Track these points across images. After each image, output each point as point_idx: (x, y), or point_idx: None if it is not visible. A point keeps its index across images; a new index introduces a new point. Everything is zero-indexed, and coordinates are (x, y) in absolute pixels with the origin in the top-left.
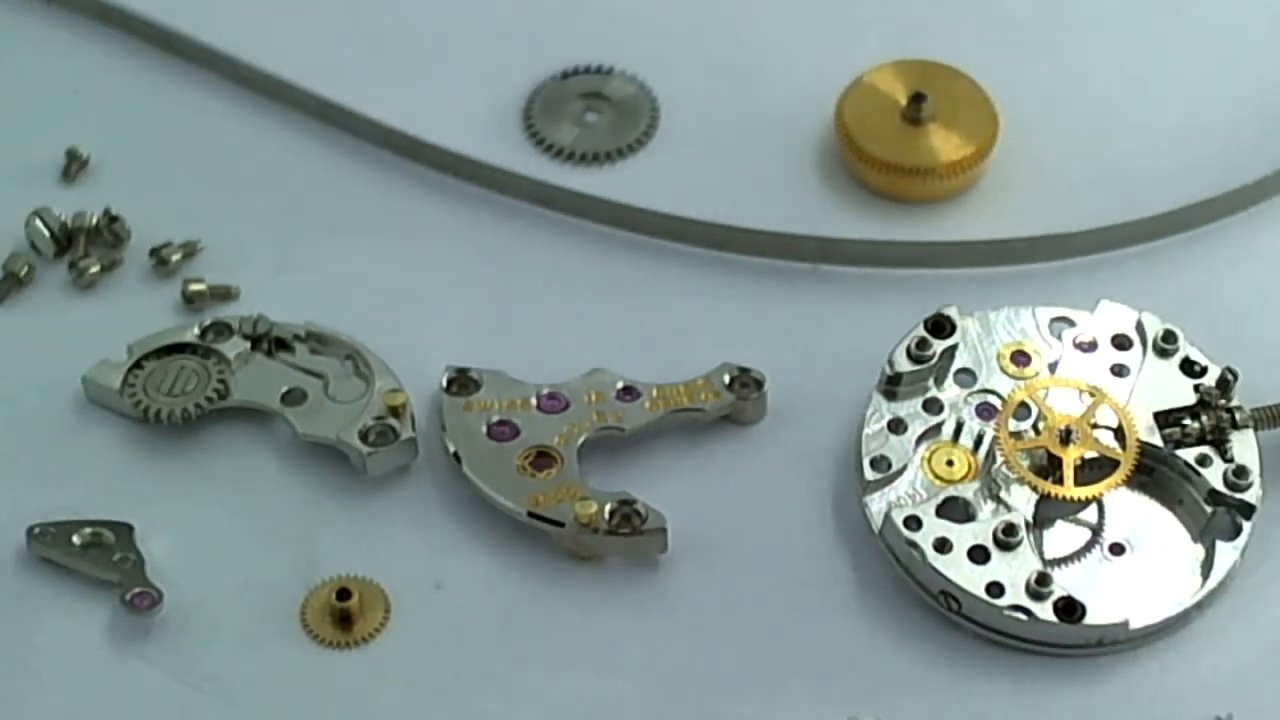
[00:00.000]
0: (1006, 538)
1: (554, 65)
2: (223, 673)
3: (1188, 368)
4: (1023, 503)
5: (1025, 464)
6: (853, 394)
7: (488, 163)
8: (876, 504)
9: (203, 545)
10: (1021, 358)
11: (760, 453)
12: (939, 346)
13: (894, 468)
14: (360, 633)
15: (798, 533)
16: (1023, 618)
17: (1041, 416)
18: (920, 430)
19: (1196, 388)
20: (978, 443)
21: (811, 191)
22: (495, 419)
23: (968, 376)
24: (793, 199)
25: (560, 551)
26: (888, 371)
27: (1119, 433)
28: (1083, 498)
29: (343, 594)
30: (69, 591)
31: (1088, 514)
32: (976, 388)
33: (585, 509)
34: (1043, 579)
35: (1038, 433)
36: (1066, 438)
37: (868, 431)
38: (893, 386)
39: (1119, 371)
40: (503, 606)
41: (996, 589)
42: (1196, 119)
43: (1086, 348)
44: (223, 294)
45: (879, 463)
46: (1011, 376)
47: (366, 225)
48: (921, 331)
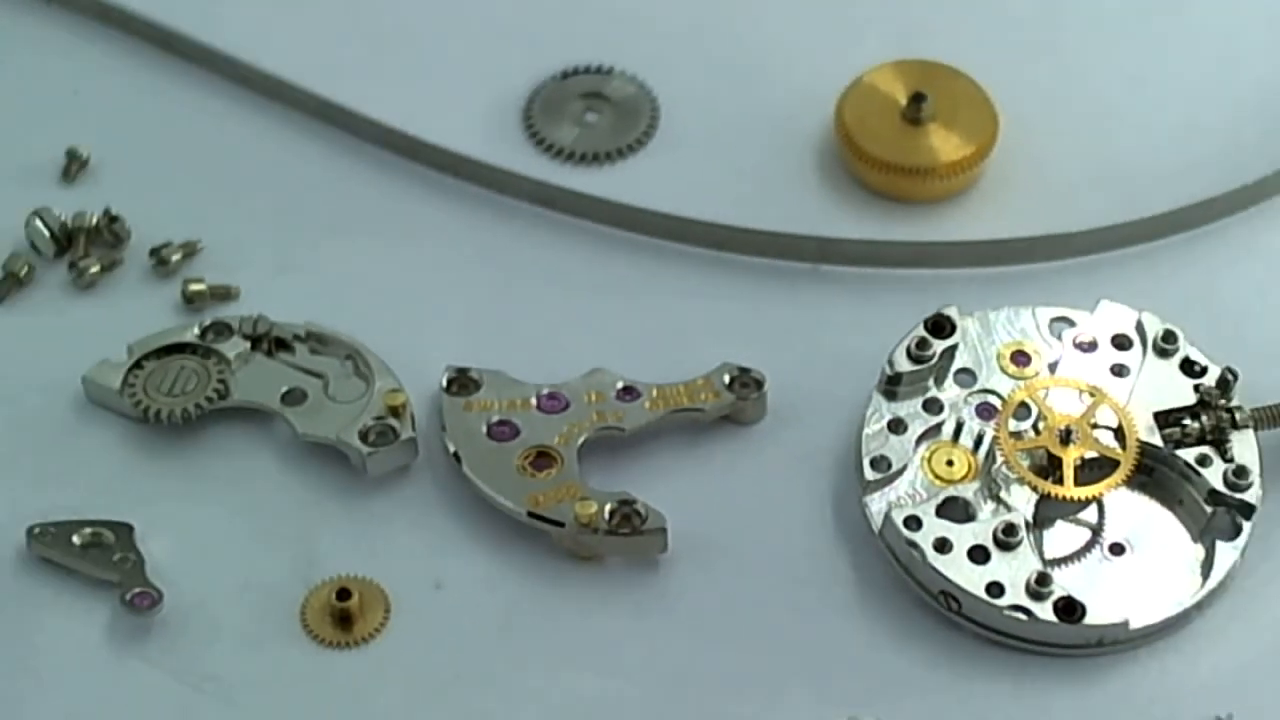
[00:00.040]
0: (1006, 538)
1: (554, 65)
2: (223, 673)
3: (1188, 368)
4: (1023, 503)
5: (1025, 464)
6: (853, 394)
7: (488, 163)
8: (876, 504)
9: (203, 545)
10: (1021, 358)
11: (760, 453)
12: (939, 346)
13: (894, 468)
14: (360, 633)
15: (798, 533)
16: (1023, 618)
17: (1041, 416)
18: (920, 430)
19: (1196, 388)
20: (978, 443)
21: (811, 191)
22: (495, 419)
23: (968, 376)
24: (793, 199)
25: (560, 551)
26: (888, 371)
27: (1119, 433)
28: (1083, 498)
29: (343, 594)
30: (69, 591)
31: (1088, 514)
32: (976, 388)
33: (585, 509)
34: (1043, 579)
35: (1038, 433)
36: (1066, 438)
37: (868, 431)
38: (893, 386)
39: (1119, 371)
40: (503, 606)
41: (996, 589)
42: (1196, 119)
43: (1086, 348)
44: (223, 294)
45: (879, 463)
46: (1011, 376)
47: (366, 225)
48: (921, 331)
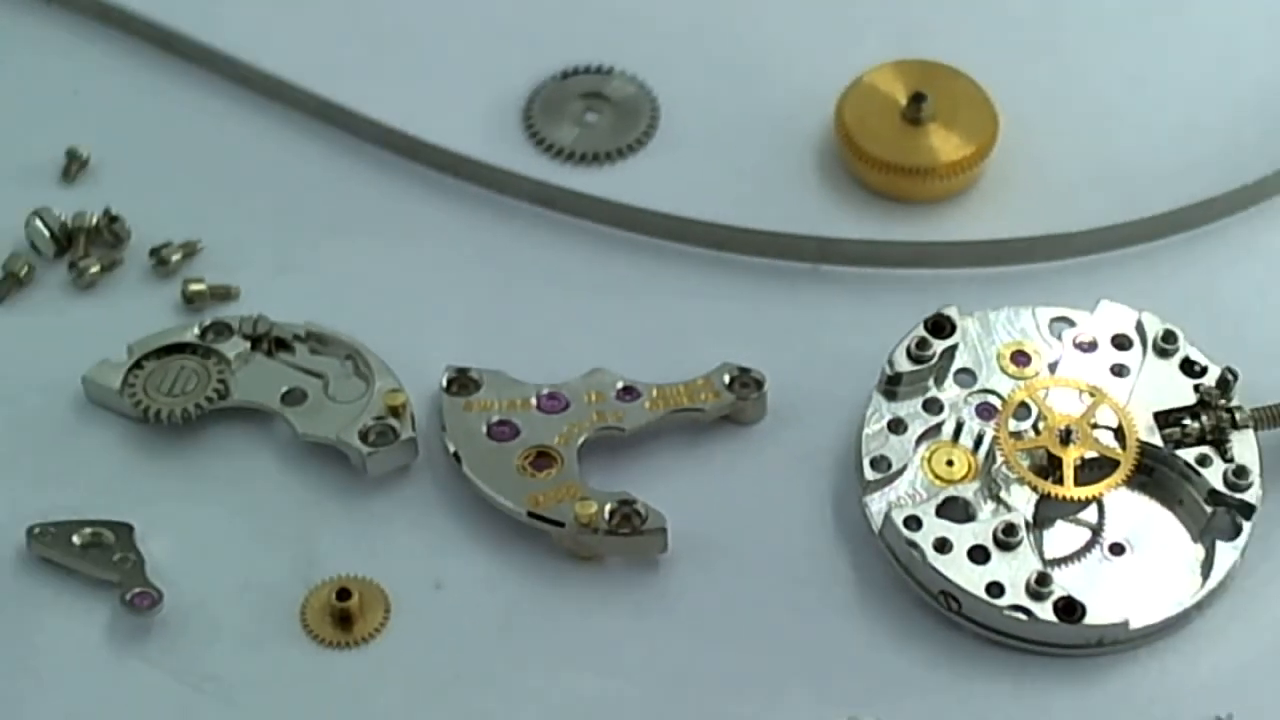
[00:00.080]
0: (1006, 538)
1: (554, 65)
2: (223, 673)
3: (1188, 368)
4: (1023, 503)
5: (1025, 464)
6: (853, 394)
7: (488, 163)
8: (876, 504)
9: (203, 545)
10: (1021, 358)
11: (760, 453)
12: (939, 346)
13: (894, 468)
14: (360, 633)
15: (798, 533)
16: (1023, 618)
17: (1041, 416)
18: (920, 430)
19: (1196, 388)
20: (978, 443)
21: (811, 191)
22: (495, 419)
23: (968, 376)
24: (793, 199)
25: (560, 551)
26: (888, 371)
27: (1119, 433)
28: (1083, 498)
29: (343, 594)
30: (69, 591)
31: (1088, 514)
32: (976, 388)
33: (585, 509)
34: (1043, 579)
35: (1038, 433)
36: (1066, 438)
37: (868, 431)
38: (893, 386)
39: (1119, 371)
40: (503, 606)
41: (996, 589)
42: (1196, 119)
43: (1086, 348)
44: (223, 294)
45: (879, 463)
46: (1011, 376)
47: (366, 225)
48: (921, 331)
